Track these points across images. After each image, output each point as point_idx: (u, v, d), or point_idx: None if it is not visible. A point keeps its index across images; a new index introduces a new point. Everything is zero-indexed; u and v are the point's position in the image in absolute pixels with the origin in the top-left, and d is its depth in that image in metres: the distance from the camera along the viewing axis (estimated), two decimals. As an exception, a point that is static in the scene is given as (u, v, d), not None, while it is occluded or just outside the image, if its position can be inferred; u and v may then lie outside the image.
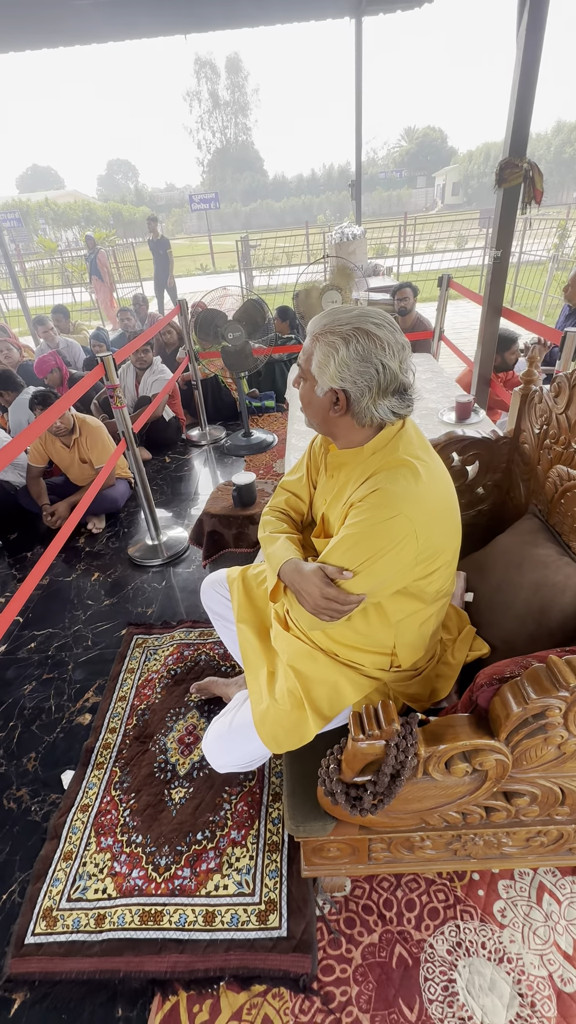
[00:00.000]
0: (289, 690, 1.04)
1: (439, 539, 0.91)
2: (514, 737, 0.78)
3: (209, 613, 1.41)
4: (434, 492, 0.90)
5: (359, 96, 5.40)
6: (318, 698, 1.03)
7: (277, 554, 1.03)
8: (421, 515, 0.86)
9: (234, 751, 1.11)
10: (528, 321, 2.59)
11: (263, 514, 1.18)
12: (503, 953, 1.09)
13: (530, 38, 2.07)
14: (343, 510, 0.94)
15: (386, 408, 0.89)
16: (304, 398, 0.96)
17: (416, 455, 0.91)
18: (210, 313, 3.08)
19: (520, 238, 8.23)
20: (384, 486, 0.86)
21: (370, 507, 0.86)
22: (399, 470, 0.88)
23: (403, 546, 0.86)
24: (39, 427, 1.71)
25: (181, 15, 4.31)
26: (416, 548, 0.87)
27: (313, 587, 0.90)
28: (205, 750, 1.15)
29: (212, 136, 50.61)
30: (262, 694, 1.07)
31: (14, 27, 4.17)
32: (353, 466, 0.97)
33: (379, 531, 0.85)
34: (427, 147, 46.45)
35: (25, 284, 10.99)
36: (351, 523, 0.89)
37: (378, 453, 0.93)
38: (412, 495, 0.86)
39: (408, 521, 0.85)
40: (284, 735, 1.02)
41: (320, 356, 0.88)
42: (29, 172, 57.73)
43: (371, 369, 0.86)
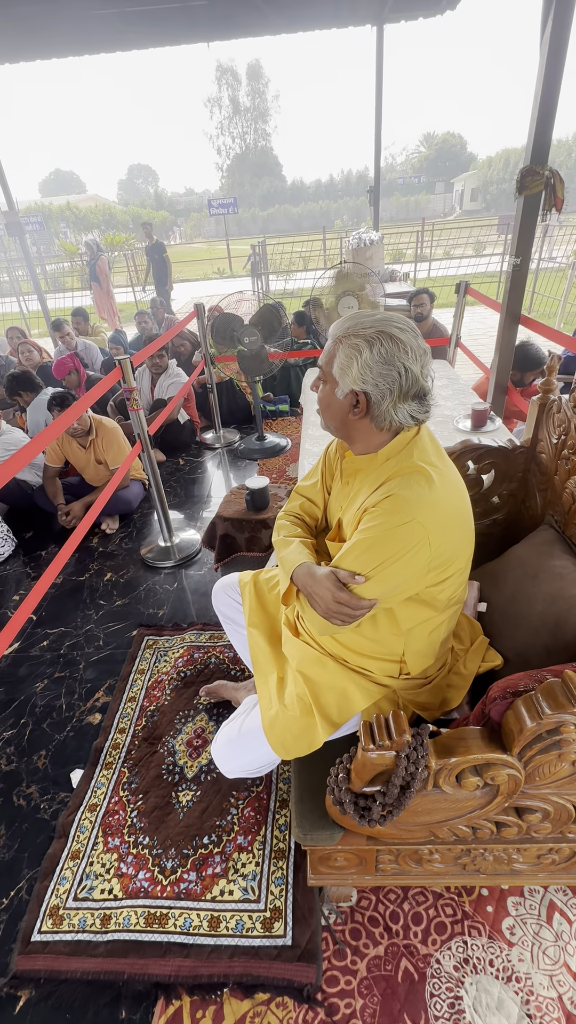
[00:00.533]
0: (298, 696, 1.03)
1: (452, 546, 0.90)
2: (527, 752, 0.77)
3: (220, 616, 1.41)
4: (448, 499, 0.90)
5: (379, 102, 5.42)
6: (327, 704, 1.02)
7: (290, 558, 1.03)
8: (434, 521, 0.86)
9: (243, 756, 1.11)
10: (546, 329, 2.56)
11: (277, 518, 1.19)
12: (511, 972, 1.07)
13: (554, 46, 2.06)
14: (357, 515, 0.94)
15: (405, 412, 0.89)
16: (323, 400, 0.96)
17: (430, 462, 0.91)
18: (227, 317, 3.10)
19: (539, 244, 8.16)
20: (398, 492, 0.87)
21: (383, 512, 0.87)
22: (413, 476, 0.88)
23: (416, 552, 0.86)
24: (57, 428, 1.73)
25: (205, 23, 4.38)
26: (429, 554, 0.86)
27: (325, 591, 0.91)
28: (214, 755, 1.15)
29: (232, 142, 51.11)
30: (271, 699, 1.07)
31: (42, 36, 4.26)
32: (368, 472, 0.97)
33: (392, 536, 0.85)
34: (446, 153, 46.37)
35: (45, 286, 11.18)
36: (364, 528, 0.89)
37: (392, 459, 0.93)
38: (426, 501, 0.86)
39: (421, 527, 0.85)
40: (293, 741, 1.02)
41: (343, 358, 0.88)
42: (52, 176, 58.79)
43: (393, 372, 0.86)
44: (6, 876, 1.33)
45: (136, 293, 11.27)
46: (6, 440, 2.86)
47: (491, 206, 34.25)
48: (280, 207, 41.13)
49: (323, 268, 4.92)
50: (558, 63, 2.09)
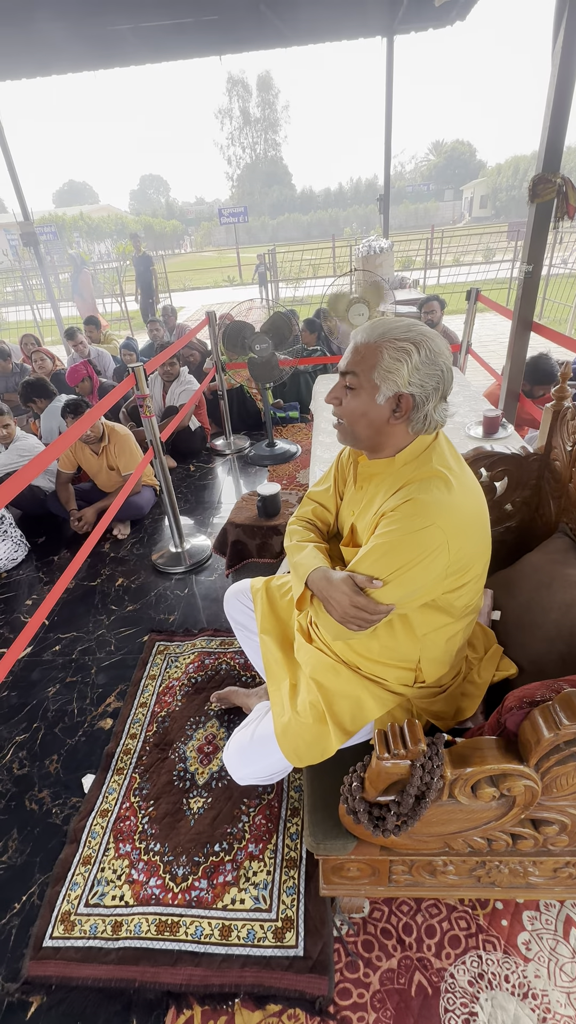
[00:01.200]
0: (311, 703, 1.03)
1: (470, 551, 0.90)
2: (544, 763, 0.76)
3: (232, 623, 1.41)
4: (467, 503, 0.90)
5: (388, 111, 5.46)
6: (340, 712, 1.02)
7: (304, 562, 1.03)
8: (453, 526, 0.86)
9: (255, 763, 1.11)
10: (557, 335, 2.55)
11: (289, 523, 1.19)
12: (528, 988, 1.05)
13: (566, 54, 2.07)
14: (373, 520, 0.94)
15: (442, 411, 0.92)
16: (357, 410, 0.93)
17: (448, 466, 0.91)
18: (238, 325, 3.13)
19: (550, 251, 8.14)
20: (417, 496, 0.86)
21: (402, 516, 0.86)
22: (432, 480, 0.88)
23: (435, 556, 0.85)
24: (72, 435, 1.75)
25: (217, 38, 4.46)
26: (447, 559, 0.86)
27: (342, 595, 0.90)
28: (226, 761, 1.15)
29: (242, 152, 51.77)
30: (284, 706, 1.06)
31: (60, 52, 4.36)
32: (384, 476, 0.97)
33: (411, 540, 0.85)
34: (455, 160, 46.51)
35: (59, 295, 11.34)
36: (382, 532, 0.89)
37: (410, 464, 0.93)
38: (445, 505, 0.86)
39: (441, 531, 0.84)
40: (305, 749, 1.01)
41: (389, 361, 0.88)
42: (65, 187, 59.84)
43: (437, 372, 0.88)
44: (18, 881, 1.33)
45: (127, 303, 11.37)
46: (21, 446, 2.90)
47: (501, 213, 34.23)
48: (290, 215, 41.47)
49: (333, 275, 4.94)
50: (570, 71, 2.10)
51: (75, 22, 3.83)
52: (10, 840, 1.43)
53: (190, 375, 3.75)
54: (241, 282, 16.18)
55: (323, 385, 3.38)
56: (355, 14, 4.36)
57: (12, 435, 2.91)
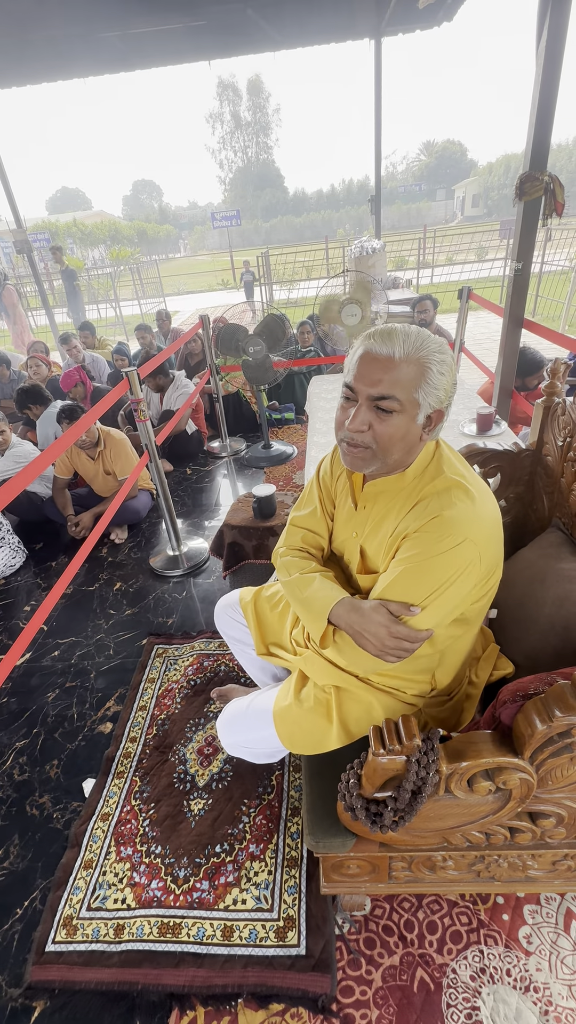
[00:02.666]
0: (316, 697, 1.01)
1: (495, 556, 0.88)
2: (539, 756, 0.77)
3: (225, 638, 1.37)
4: (488, 509, 0.87)
5: (378, 113, 5.49)
6: (348, 714, 0.99)
7: (321, 596, 0.95)
8: (483, 536, 0.83)
9: (247, 732, 1.10)
10: (550, 332, 2.56)
11: (279, 557, 1.10)
12: (529, 982, 1.06)
13: (550, 53, 2.09)
14: (391, 542, 0.90)
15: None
16: (396, 434, 0.84)
17: (461, 473, 0.88)
18: (231, 328, 3.14)
19: (541, 248, 8.17)
20: (443, 512, 0.82)
21: (431, 537, 0.82)
22: (453, 492, 0.84)
23: (469, 572, 0.83)
24: (67, 440, 1.76)
25: (206, 42, 4.48)
26: (480, 571, 0.84)
27: (378, 627, 0.84)
28: (218, 726, 1.15)
29: (234, 155, 51.94)
30: (288, 691, 1.06)
31: (50, 60, 4.38)
32: (393, 493, 0.92)
33: (445, 560, 0.81)
34: (446, 160, 46.74)
35: (53, 301, 11.37)
36: (410, 555, 0.84)
37: (419, 477, 0.89)
38: (473, 517, 0.83)
39: (473, 545, 0.82)
40: (301, 735, 1.01)
41: (436, 377, 0.82)
42: (58, 194, 60.00)
43: (455, 380, 0.87)
44: (20, 886, 1.33)
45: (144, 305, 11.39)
46: (16, 453, 2.91)
47: (492, 211, 34.41)
48: (283, 218, 41.62)
49: (326, 277, 4.96)
50: (554, 71, 2.12)
51: (64, 31, 3.86)
52: (11, 846, 1.43)
53: (186, 379, 3.75)
54: (235, 285, 16.21)
55: (318, 386, 3.39)
56: (342, 17, 4.39)
57: (7, 442, 2.91)
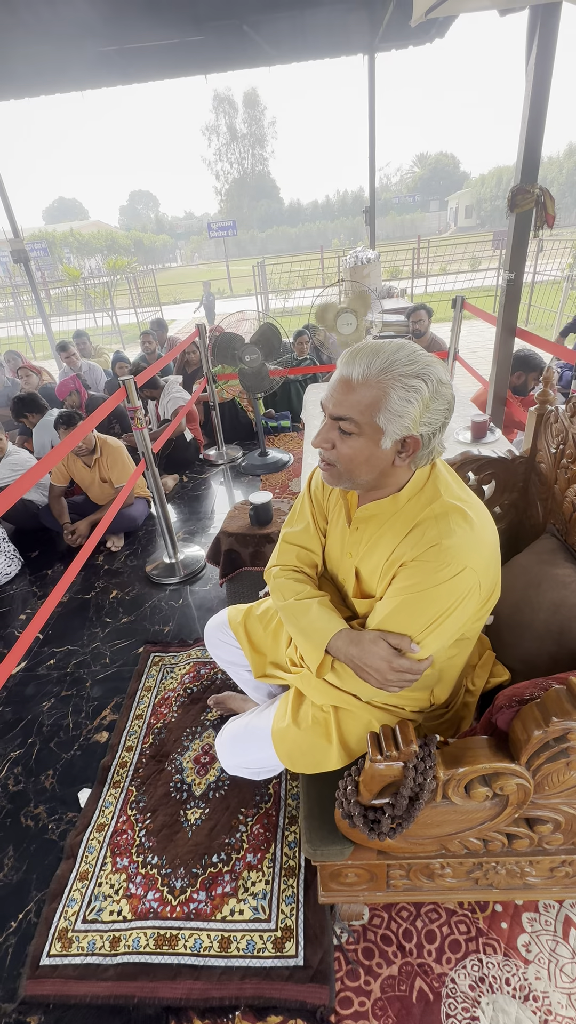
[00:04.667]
0: (315, 717, 1.00)
1: (494, 578, 0.87)
2: (535, 761, 0.77)
3: (218, 661, 1.34)
4: (487, 533, 0.85)
5: (372, 126, 5.57)
6: (349, 733, 0.98)
7: (318, 626, 0.93)
8: (483, 563, 0.82)
9: (246, 754, 1.10)
10: (543, 341, 2.60)
11: (272, 576, 1.07)
12: (528, 991, 1.05)
13: (539, 69, 2.13)
14: (387, 568, 0.88)
15: (442, 441, 0.84)
16: (358, 456, 0.81)
17: (459, 497, 0.85)
18: (227, 337, 3.16)
19: (534, 258, 8.29)
20: (441, 541, 0.79)
21: (431, 567, 0.80)
22: (451, 518, 0.81)
23: (469, 599, 0.82)
24: (64, 448, 1.76)
25: (202, 58, 4.55)
26: (480, 596, 0.84)
27: (380, 661, 0.83)
28: (218, 747, 1.15)
29: (230, 167, 52.50)
30: (286, 711, 1.05)
31: (48, 74, 4.43)
32: (386, 517, 0.88)
33: (445, 591, 0.80)
34: (440, 172, 47.43)
35: (50, 310, 11.41)
36: (408, 584, 0.82)
37: (414, 499, 0.86)
38: (473, 544, 0.80)
39: (473, 573, 0.80)
40: (301, 755, 1.01)
41: (397, 403, 0.76)
42: (55, 204, 60.42)
43: (445, 405, 0.80)
44: (15, 898, 1.32)
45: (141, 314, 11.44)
46: (12, 461, 2.90)
47: (485, 222, 34.88)
48: (278, 228, 42.06)
49: (322, 286, 5.01)
50: (543, 86, 2.16)
51: (62, 45, 3.91)
52: (6, 857, 1.41)
53: (179, 386, 3.77)
54: (232, 294, 16.32)
55: (314, 394, 3.41)
56: (336, 34, 4.47)
57: (4, 450, 2.91)
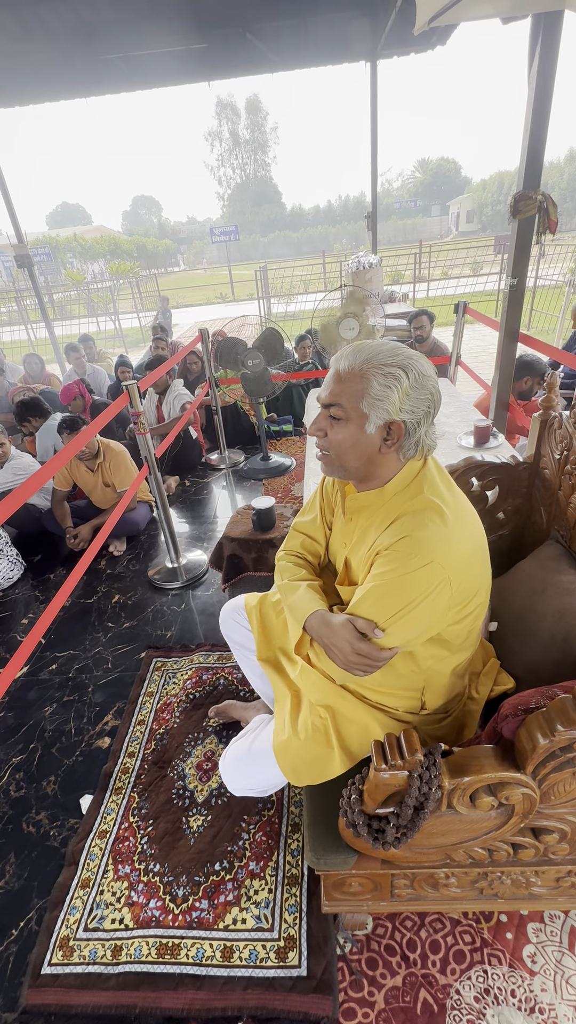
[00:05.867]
0: (314, 725, 1.00)
1: (473, 581, 0.88)
2: (541, 770, 0.77)
3: (228, 641, 1.39)
4: (464, 533, 0.86)
5: (374, 132, 5.60)
6: (348, 736, 0.99)
7: (300, 605, 0.99)
8: (453, 559, 0.83)
9: (252, 776, 1.09)
10: (544, 346, 2.60)
11: (278, 559, 1.14)
12: (534, 1003, 1.04)
13: (541, 75, 2.14)
14: (368, 556, 0.91)
15: (432, 435, 0.89)
16: (345, 441, 0.88)
17: (440, 495, 0.87)
18: (230, 341, 3.17)
19: (535, 263, 8.30)
20: (412, 533, 0.82)
21: (399, 556, 0.83)
22: (425, 513, 0.84)
23: (437, 594, 0.82)
24: (68, 453, 1.77)
25: (205, 64, 4.58)
26: (450, 593, 0.83)
27: (343, 642, 0.87)
28: (222, 771, 1.14)
29: (232, 172, 52.80)
30: (284, 724, 1.05)
31: (53, 81, 4.47)
32: (375, 508, 0.93)
33: (411, 581, 0.82)
34: (441, 177, 47.63)
35: (53, 314, 11.48)
36: (379, 573, 0.85)
37: (400, 494, 0.90)
38: (442, 539, 0.82)
39: (441, 568, 0.81)
40: (305, 768, 1.00)
41: (378, 389, 0.84)
42: (59, 209, 60.81)
43: (427, 395, 0.85)
44: (16, 906, 1.31)
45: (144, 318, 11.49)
46: (16, 465, 2.91)
47: (487, 227, 34.98)
48: (280, 233, 42.25)
49: (323, 291, 5.02)
50: (546, 92, 2.17)
51: (67, 52, 3.95)
52: (7, 864, 1.41)
53: (183, 387, 3.79)
54: (234, 299, 16.39)
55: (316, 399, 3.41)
56: (338, 41, 4.50)
57: (7, 454, 2.92)
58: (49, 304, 10.77)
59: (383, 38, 4.37)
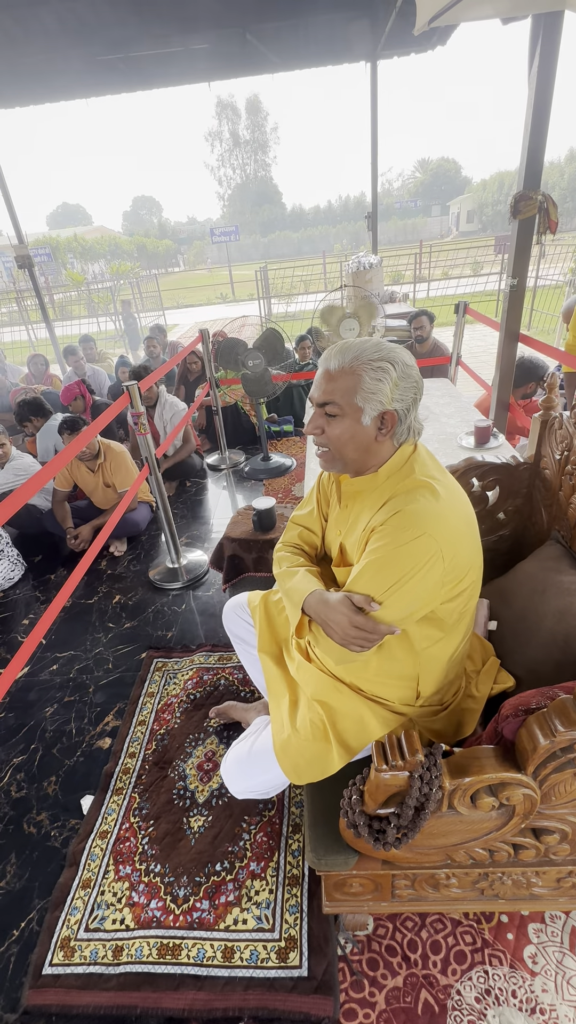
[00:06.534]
0: (312, 721, 1.01)
1: (464, 558, 0.90)
2: (542, 771, 0.77)
3: (231, 637, 1.41)
4: (455, 509, 0.90)
5: (374, 132, 5.60)
6: (344, 731, 1.00)
7: (298, 587, 1.02)
8: (445, 533, 0.86)
9: (253, 778, 1.10)
10: (545, 347, 2.60)
11: (276, 551, 1.17)
12: (535, 1003, 1.04)
13: (542, 75, 2.14)
14: (362, 536, 0.94)
15: (419, 420, 0.95)
16: (344, 436, 0.93)
17: (432, 475, 0.92)
18: (231, 342, 3.17)
19: (536, 263, 8.30)
20: (404, 507, 0.87)
21: (392, 529, 0.86)
22: (417, 491, 0.89)
23: (430, 567, 0.85)
24: (68, 454, 1.77)
25: (205, 65, 4.58)
26: (443, 568, 0.86)
27: (341, 616, 0.89)
28: (224, 774, 1.14)
29: (232, 172, 52.80)
30: (283, 723, 1.05)
31: (53, 82, 4.48)
32: (368, 492, 0.97)
33: (404, 553, 0.85)
34: (441, 177, 47.61)
35: (53, 315, 11.49)
36: (374, 548, 0.88)
37: (392, 477, 0.94)
38: (434, 513, 0.86)
39: (433, 540, 0.84)
40: (306, 766, 1.01)
41: (369, 383, 0.89)
42: (59, 210, 60.85)
43: (413, 383, 0.91)
44: (17, 906, 1.31)
45: (144, 318, 11.50)
46: (16, 466, 2.91)
47: (487, 227, 34.95)
48: (281, 233, 42.25)
49: (324, 291, 5.02)
50: (546, 92, 2.17)
51: (67, 53, 3.95)
52: (8, 865, 1.41)
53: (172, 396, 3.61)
54: (234, 299, 16.39)
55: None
56: (338, 42, 4.50)
57: (8, 454, 2.92)
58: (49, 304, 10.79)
59: (383, 39, 4.37)
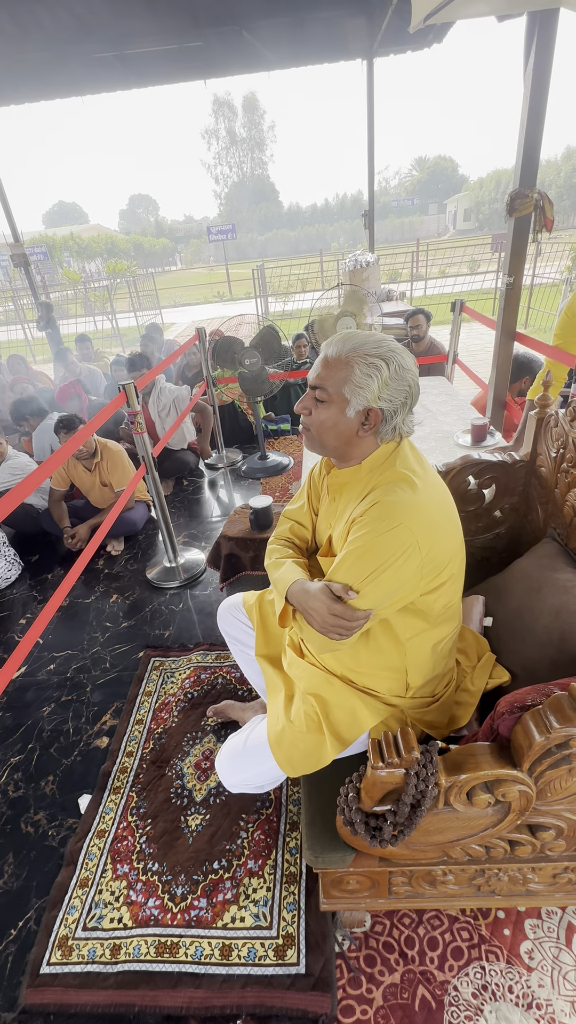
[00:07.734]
0: (306, 713, 1.03)
1: (443, 550, 0.91)
2: (537, 768, 0.77)
3: (226, 637, 1.41)
4: (432, 501, 0.91)
5: (371, 130, 5.59)
6: (337, 722, 1.02)
7: (283, 577, 1.03)
8: (421, 524, 0.87)
9: (247, 770, 1.10)
10: (542, 345, 2.60)
11: (268, 544, 1.19)
12: (532, 998, 1.04)
13: (537, 73, 2.14)
14: (346, 528, 0.96)
15: (409, 423, 0.95)
16: (327, 422, 0.95)
17: (412, 469, 0.93)
18: (227, 340, 3.16)
19: (532, 261, 8.31)
20: (382, 498, 0.88)
21: (370, 520, 0.88)
22: (396, 483, 0.90)
23: (406, 556, 0.86)
24: (65, 452, 1.76)
25: (201, 62, 4.56)
26: (420, 558, 0.87)
27: (320, 604, 0.91)
28: (218, 767, 1.15)
29: (229, 170, 52.69)
30: (279, 716, 1.06)
31: (47, 79, 4.45)
32: (352, 484, 0.99)
33: (381, 543, 0.86)
34: (438, 176, 47.61)
35: (50, 314, 11.41)
36: (353, 538, 0.90)
37: (375, 470, 0.96)
38: (410, 504, 0.87)
39: (409, 531, 0.85)
40: (300, 758, 1.01)
41: (359, 377, 0.89)
42: (55, 208, 60.59)
43: (404, 386, 0.91)
44: (15, 906, 1.31)
45: (141, 317, 11.48)
46: (12, 465, 2.90)
47: (484, 225, 34.96)
48: (278, 231, 42.19)
49: (321, 289, 5.02)
50: (542, 91, 2.17)
51: (61, 51, 3.93)
52: (5, 864, 1.41)
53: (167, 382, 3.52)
54: (231, 298, 16.36)
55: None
56: (335, 39, 4.48)
57: (4, 453, 2.91)
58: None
59: (379, 36, 4.35)
